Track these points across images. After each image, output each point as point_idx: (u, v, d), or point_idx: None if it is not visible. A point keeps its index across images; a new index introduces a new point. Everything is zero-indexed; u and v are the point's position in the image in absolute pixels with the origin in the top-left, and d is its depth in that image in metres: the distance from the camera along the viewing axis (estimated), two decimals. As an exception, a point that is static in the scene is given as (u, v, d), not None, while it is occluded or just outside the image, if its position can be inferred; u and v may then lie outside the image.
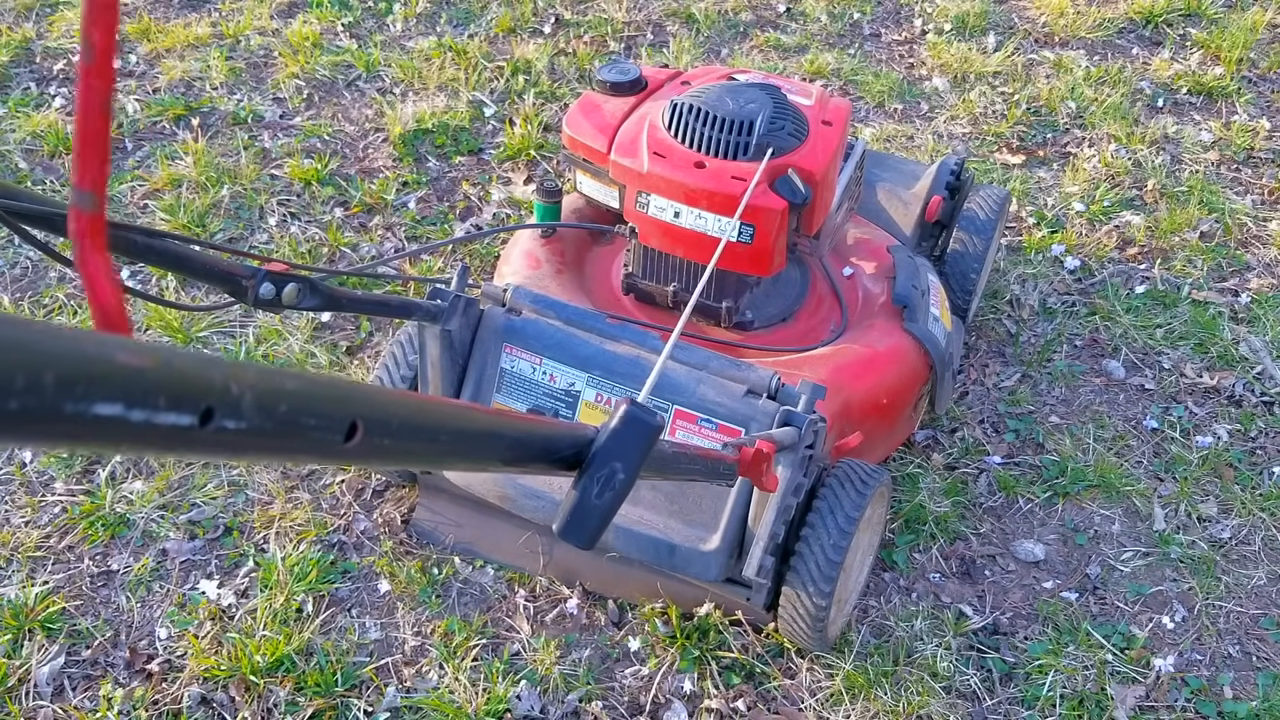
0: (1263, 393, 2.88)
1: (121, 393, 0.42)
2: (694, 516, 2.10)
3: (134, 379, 0.42)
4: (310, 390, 0.55)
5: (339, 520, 2.51)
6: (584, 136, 2.42)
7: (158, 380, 0.43)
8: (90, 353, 0.41)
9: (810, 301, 2.62)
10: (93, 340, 0.41)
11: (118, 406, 0.42)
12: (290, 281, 1.64)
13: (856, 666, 2.25)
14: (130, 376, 0.42)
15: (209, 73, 3.90)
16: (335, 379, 0.55)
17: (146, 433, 0.43)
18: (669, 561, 2.11)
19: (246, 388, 0.48)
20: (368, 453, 0.60)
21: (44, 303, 3.02)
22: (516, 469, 0.91)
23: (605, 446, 0.97)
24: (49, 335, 0.40)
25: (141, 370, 0.43)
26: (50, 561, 2.43)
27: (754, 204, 2.20)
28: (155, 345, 0.45)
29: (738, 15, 4.35)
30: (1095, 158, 3.62)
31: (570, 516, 0.95)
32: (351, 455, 0.59)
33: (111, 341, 0.42)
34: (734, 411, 2.03)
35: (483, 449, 0.79)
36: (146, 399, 0.43)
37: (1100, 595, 2.44)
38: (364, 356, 2.88)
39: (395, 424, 0.63)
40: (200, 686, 2.20)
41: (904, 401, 2.50)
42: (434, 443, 0.69)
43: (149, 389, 0.43)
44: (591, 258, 2.71)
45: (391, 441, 0.63)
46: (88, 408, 0.41)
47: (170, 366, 0.44)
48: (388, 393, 0.65)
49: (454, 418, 0.74)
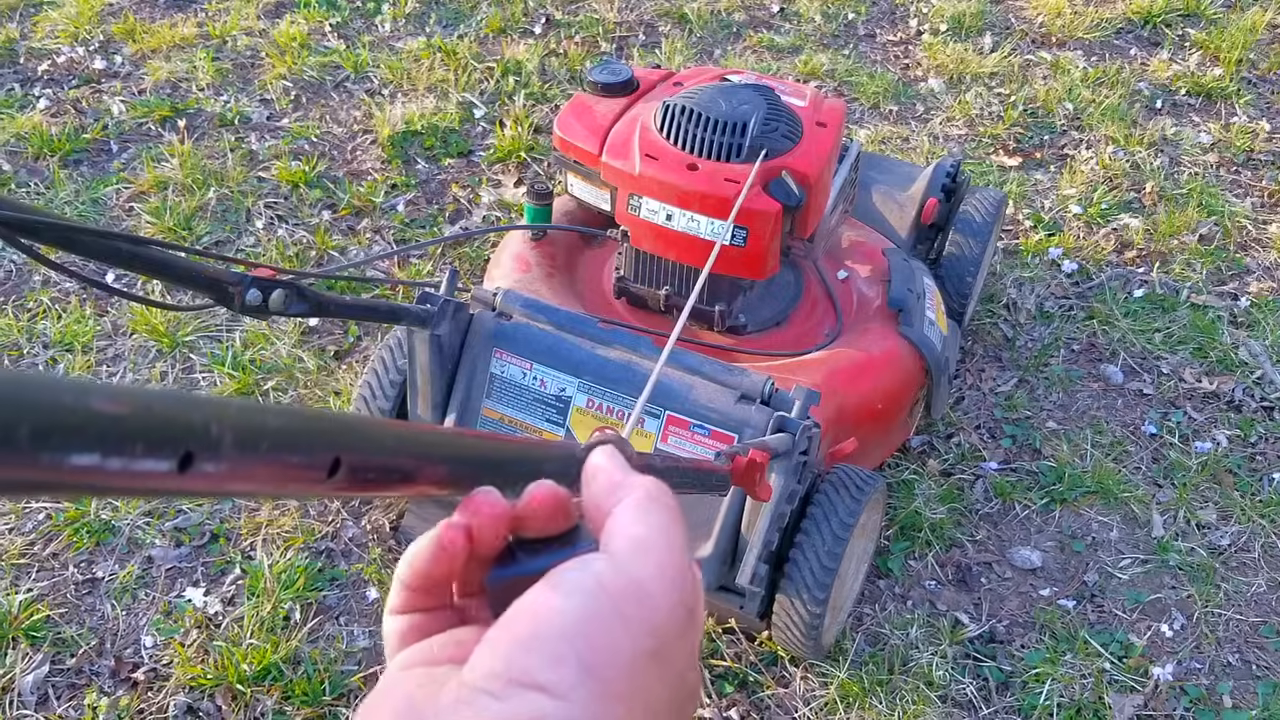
0: (1262, 398, 2.85)
1: (98, 442, 0.40)
2: (686, 523, 2.06)
3: (110, 427, 0.41)
4: (292, 426, 0.53)
5: (327, 527, 2.48)
6: (575, 138, 2.39)
7: (134, 427, 0.42)
8: (66, 402, 0.39)
9: (804, 305, 2.59)
10: (65, 389, 0.40)
11: (94, 456, 0.40)
12: (277, 287, 1.61)
13: (851, 675, 2.22)
14: (107, 425, 0.41)
15: (195, 74, 3.86)
16: (319, 413, 0.55)
17: (124, 479, 0.42)
18: None
19: (227, 428, 0.47)
20: (351, 486, 0.60)
21: (28, 306, 2.98)
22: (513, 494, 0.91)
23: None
24: (18, 384, 0.38)
25: (118, 417, 0.41)
26: (34, 569, 2.39)
27: (748, 206, 2.17)
28: (133, 390, 0.44)
29: (730, 15, 4.32)
30: (1093, 160, 3.60)
31: None
32: (336, 489, 0.58)
33: (86, 388, 0.41)
34: (727, 417, 2.00)
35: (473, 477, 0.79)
36: (123, 447, 0.41)
37: (1098, 603, 2.41)
38: (352, 361, 2.85)
39: (378, 458, 0.62)
40: (186, 695, 2.17)
41: (899, 406, 2.47)
42: (419, 472, 0.68)
43: (126, 436, 0.41)
44: (583, 261, 2.67)
45: (376, 475, 0.62)
46: (63, 459, 0.39)
47: (148, 412, 0.43)
48: (373, 424, 0.65)
49: (439, 445, 0.73)
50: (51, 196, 3.33)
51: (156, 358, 2.85)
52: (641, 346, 2.08)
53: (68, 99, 3.74)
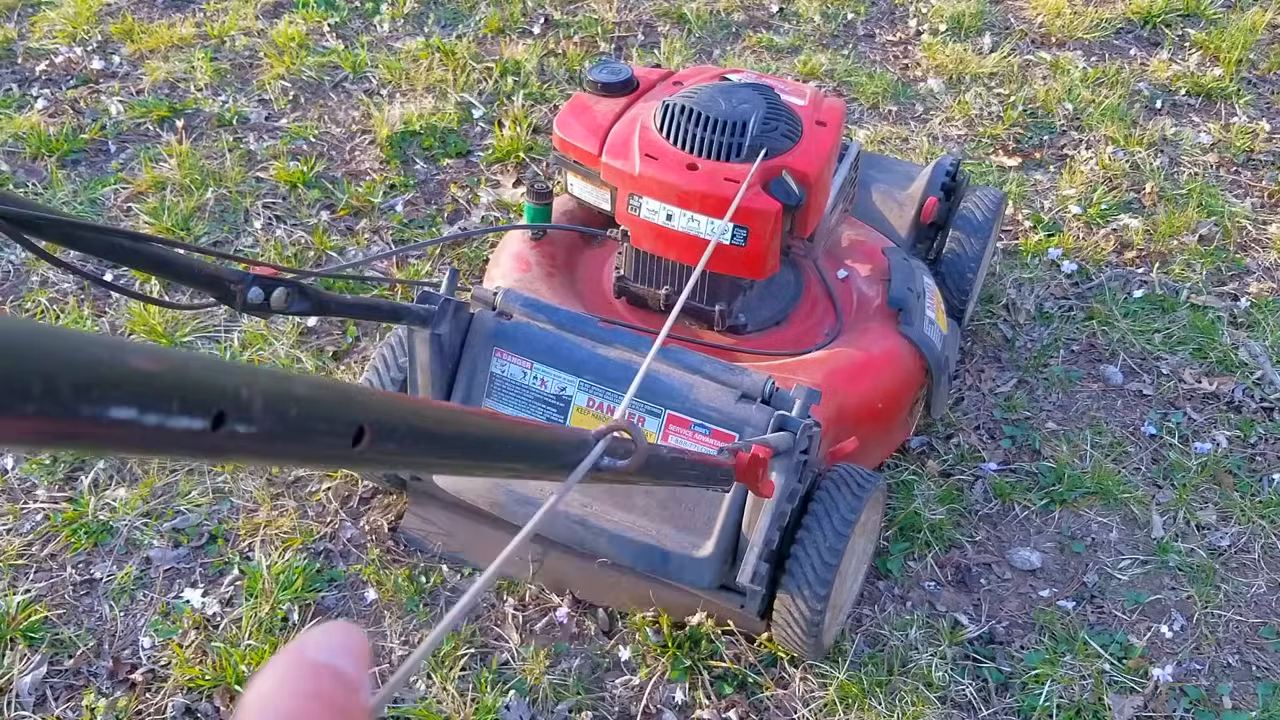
0: (1262, 398, 2.85)
1: (135, 397, 0.43)
2: (687, 522, 2.07)
3: (147, 383, 0.43)
4: (319, 395, 0.56)
5: (325, 528, 2.47)
6: (574, 138, 2.38)
7: (170, 384, 0.44)
8: (103, 357, 0.42)
9: (804, 304, 2.58)
10: (103, 344, 0.42)
11: (132, 410, 0.43)
12: (279, 286, 1.60)
13: (850, 676, 2.22)
14: (143, 380, 0.43)
15: (193, 74, 3.86)
16: (345, 384, 0.56)
17: (160, 436, 0.44)
18: (662, 569, 2.08)
19: (258, 392, 0.49)
20: (375, 457, 0.62)
21: (26, 307, 2.98)
22: (518, 474, 0.92)
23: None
24: (60, 339, 0.41)
25: (154, 374, 0.44)
26: (32, 570, 2.39)
27: (747, 206, 2.16)
28: (167, 349, 0.46)
29: (730, 15, 4.32)
30: (1092, 160, 3.59)
31: None
32: (359, 460, 0.60)
33: (122, 345, 0.43)
34: (728, 416, 2.00)
35: (486, 453, 0.81)
36: (159, 403, 0.44)
37: (1098, 604, 2.40)
38: (350, 362, 2.84)
39: (402, 429, 0.64)
40: (184, 697, 2.16)
41: (899, 406, 2.47)
42: (439, 447, 0.71)
43: (162, 393, 0.44)
44: (583, 260, 2.67)
45: (397, 446, 0.64)
46: (103, 411, 0.42)
47: (183, 371, 0.45)
48: (396, 398, 0.67)
49: (458, 423, 0.75)
50: (50, 197, 3.33)
51: (155, 358, 2.84)
52: (642, 346, 2.08)
53: (66, 99, 3.74)
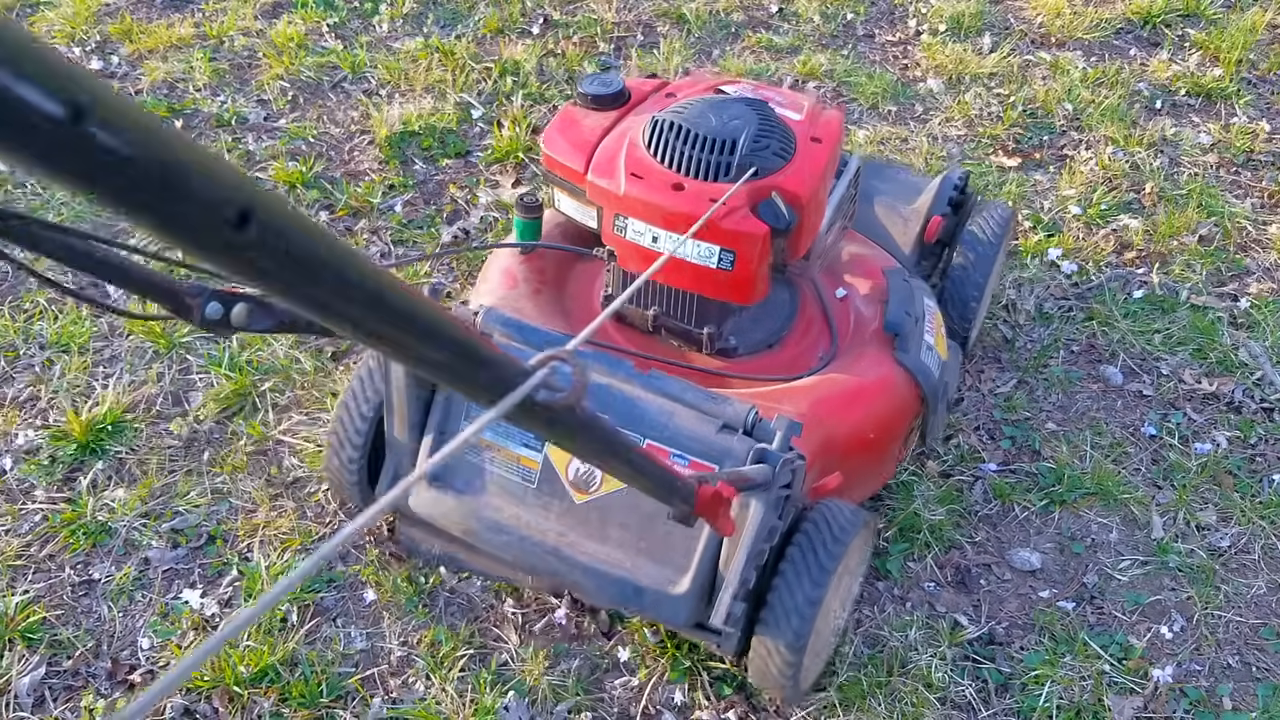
0: (1262, 399, 2.84)
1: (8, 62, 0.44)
2: (664, 556, 2.00)
3: (20, 48, 0.44)
4: (206, 161, 0.53)
5: (324, 529, 2.47)
6: (561, 155, 2.29)
7: (38, 57, 0.45)
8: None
9: (799, 326, 2.48)
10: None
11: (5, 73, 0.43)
12: (239, 301, 1.50)
13: (850, 677, 2.21)
14: (16, 46, 0.44)
15: (192, 74, 3.86)
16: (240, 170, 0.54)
17: (12, 112, 0.44)
18: (636, 604, 2.02)
19: (127, 111, 0.49)
20: (261, 261, 0.56)
21: (24, 307, 2.98)
22: (438, 372, 0.83)
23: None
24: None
25: (33, 47, 0.45)
26: (31, 570, 2.39)
27: (734, 229, 2.08)
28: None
29: (729, 15, 4.32)
30: (1092, 160, 3.59)
31: None
32: (239, 253, 0.55)
33: (6, 23, 0.44)
34: (708, 447, 1.92)
35: (402, 322, 0.74)
36: (20, 71, 0.44)
37: (1097, 605, 2.40)
38: (349, 363, 2.84)
39: (299, 242, 0.59)
40: (183, 697, 2.16)
41: (892, 436, 2.38)
42: (342, 286, 0.64)
43: (28, 63, 0.44)
44: (573, 276, 2.58)
45: (290, 253, 0.58)
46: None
47: (41, 54, 0.46)
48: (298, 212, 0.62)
49: (376, 275, 0.68)
50: (49, 197, 3.33)
51: (153, 359, 2.84)
52: (622, 370, 2.02)
53: (65, 99, 3.73)
